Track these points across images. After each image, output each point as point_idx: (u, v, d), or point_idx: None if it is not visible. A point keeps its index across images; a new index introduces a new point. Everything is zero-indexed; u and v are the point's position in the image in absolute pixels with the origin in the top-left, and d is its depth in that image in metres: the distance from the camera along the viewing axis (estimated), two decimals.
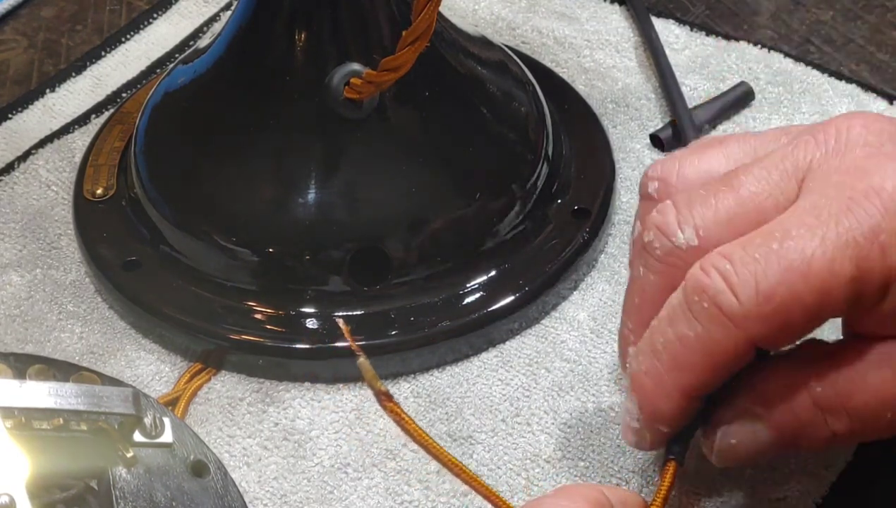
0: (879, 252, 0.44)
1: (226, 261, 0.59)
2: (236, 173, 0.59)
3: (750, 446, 0.47)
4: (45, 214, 0.65)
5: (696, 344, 0.46)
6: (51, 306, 0.61)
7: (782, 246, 0.45)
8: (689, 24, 0.74)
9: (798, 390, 0.46)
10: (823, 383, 0.46)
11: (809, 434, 0.47)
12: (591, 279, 0.61)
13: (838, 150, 0.47)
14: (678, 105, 0.67)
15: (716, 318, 0.45)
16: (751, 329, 0.45)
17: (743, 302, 0.44)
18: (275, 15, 0.59)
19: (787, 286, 0.44)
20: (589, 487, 0.45)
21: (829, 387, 0.46)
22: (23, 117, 0.70)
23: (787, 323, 0.45)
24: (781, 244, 0.45)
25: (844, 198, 0.45)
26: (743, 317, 0.45)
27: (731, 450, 0.48)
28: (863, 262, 0.44)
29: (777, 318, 0.44)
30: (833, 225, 0.45)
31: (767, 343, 0.46)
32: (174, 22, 0.75)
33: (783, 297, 0.44)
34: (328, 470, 0.54)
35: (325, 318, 0.58)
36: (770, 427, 0.47)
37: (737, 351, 0.45)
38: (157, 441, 0.51)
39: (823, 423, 0.46)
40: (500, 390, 0.57)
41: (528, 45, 0.73)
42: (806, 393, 0.46)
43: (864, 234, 0.44)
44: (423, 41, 0.53)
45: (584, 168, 0.64)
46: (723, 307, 0.45)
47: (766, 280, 0.44)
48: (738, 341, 0.45)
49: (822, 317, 0.45)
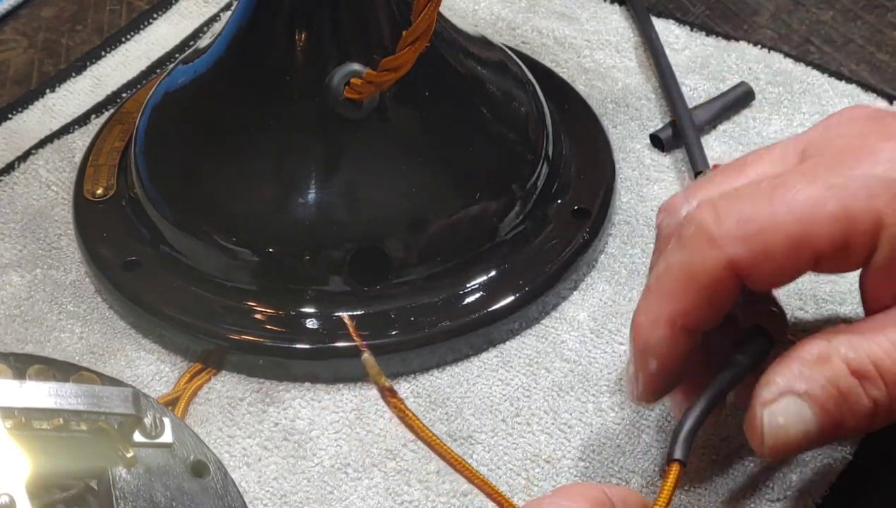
0: (866, 195, 0.45)
1: (226, 261, 0.59)
2: (236, 173, 0.59)
3: (798, 427, 0.47)
4: (45, 214, 0.65)
5: (679, 270, 0.47)
6: (51, 306, 0.61)
7: (770, 185, 0.47)
8: (689, 24, 0.74)
9: (832, 360, 0.46)
10: (854, 349, 0.46)
11: (851, 408, 0.46)
12: (591, 279, 0.61)
13: (840, 124, 0.50)
14: (678, 105, 0.67)
15: (698, 242, 0.47)
16: (730, 249, 0.46)
17: (724, 227, 0.46)
18: (275, 15, 0.59)
19: (769, 214, 0.46)
20: (589, 486, 0.45)
21: (861, 353, 0.46)
22: (23, 117, 0.70)
23: (766, 249, 0.46)
24: (770, 184, 0.47)
25: (838, 154, 0.47)
26: (722, 240, 0.46)
27: (783, 434, 0.47)
28: (848, 202, 0.45)
29: (755, 243, 0.46)
30: (823, 172, 0.46)
31: (748, 269, 0.46)
32: (174, 22, 0.75)
33: (763, 223, 0.46)
34: (328, 470, 0.54)
35: (326, 318, 0.58)
36: (813, 402, 0.46)
37: (716, 274, 0.46)
38: (157, 441, 0.51)
39: (862, 392, 0.46)
40: (500, 390, 0.57)
41: (528, 45, 0.73)
42: (840, 361, 0.46)
43: (852, 178, 0.46)
44: (423, 41, 0.53)
45: (584, 168, 0.64)
46: (705, 228, 0.46)
47: (750, 208, 0.46)
48: (717, 262, 0.46)
49: (807, 254, 0.46)
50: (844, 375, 0.46)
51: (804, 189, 0.46)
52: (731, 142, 0.67)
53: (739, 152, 0.67)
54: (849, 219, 0.46)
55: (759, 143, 0.67)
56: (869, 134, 0.48)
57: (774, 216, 0.46)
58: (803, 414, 0.47)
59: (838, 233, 0.46)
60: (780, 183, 0.47)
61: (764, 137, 0.67)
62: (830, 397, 0.46)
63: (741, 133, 0.68)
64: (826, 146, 0.49)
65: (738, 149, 0.67)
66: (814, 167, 0.47)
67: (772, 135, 0.67)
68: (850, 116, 0.50)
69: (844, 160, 0.47)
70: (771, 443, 0.47)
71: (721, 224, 0.46)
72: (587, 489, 0.45)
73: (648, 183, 0.65)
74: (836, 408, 0.47)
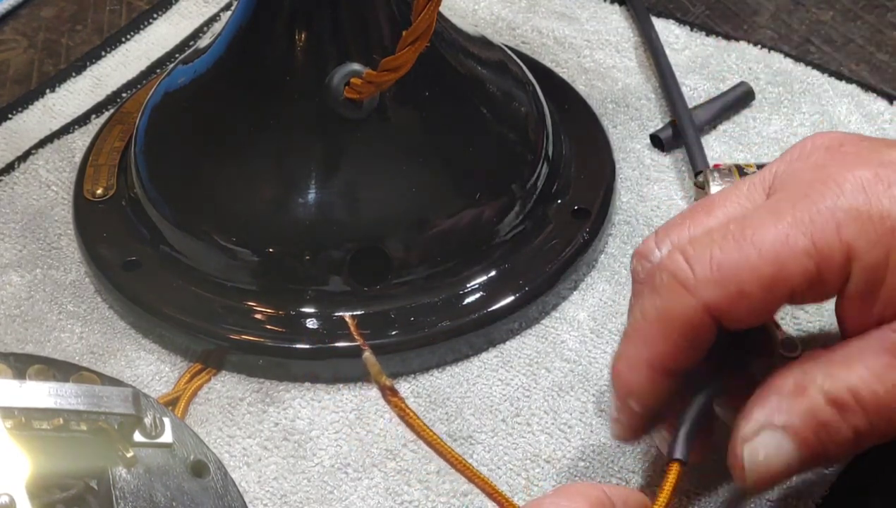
0: (834, 228, 0.46)
1: (226, 261, 0.59)
2: (236, 173, 0.59)
3: (779, 461, 0.47)
4: (45, 214, 0.65)
5: (656, 317, 0.47)
6: (51, 306, 0.61)
7: (738, 227, 0.47)
8: (689, 24, 0.74)
9: (809, 391, 0.46)
10: (831, 379, 0.46)
11: (833, 437, 0.46)
12: (591, 279, 0.61)
13: (802, 157, 0.50)
14: (678, 105, 0.67)
15: (673, 289, 0.47)
16: (705, 294, 0.46)
17: (697, 272, 0.47)
18: (275, 15, 0.59)
19: (739, 257, 0.46)
20: (590, 486, 0.45)
21: (836, 382, 0.46)
22: (23, 117, 0.70)
23: (741, 292, 0.46)
24: (738, 225, 0.47)
25: (803, 188, 0.47)
26: (696, 284, 0.46)
27: (763, 467, 0.47)
28: (818, 236, 0.46)
29: (729, 286, 0.46)
30: (790, 208, 0.47)
31: (724, 312, 0.46)
32: (174, 22, 0.75)
33: (735, 266, 0.46)
34: (328, 470, 0.54)
35: (326, 318, 0.58)
36: (792, 434, 0.46)
37: (693, 320, 0.47)
38: (157, 441, 0.51)
39: (842, 421, 0.46)
40: (500, 390, 0.57)
41: (528, 45, 0.73)
42: (817, 392, 0.46)
43: (819, 212, 0.46)
44: (423, 41, 0.53)
45: (584, 168, 0.64)
46: (678, 276, 0.47)
47: (720, 253, 0.46)
48: (694, 308, 0.47)
49: (781, 292, 0.46)
50: (822, 406, 0.46)
51: (772, 227, 0.46)
52: (731, 142, 0.67)
53: (739, 152, 0.67)
54: (820, 253, 0.46)
55: (759, 143, 0.67)
56: (829, 164, 0.48)
57: (746, 258, 0.46)
58: (783, 446, 0.47)
59: (811, 267, 0.46)
60: (747, 223, 0.47)
61: (764, 137, 0.67)
62: (809, 428, 0.46)
63: (741, 133, 0.68)
64: (790, 181, 0.49)
65: (738, 148, 0.67)
66: (779, 204, 0.47)
67: (772, 134, 0.67)
68: (813, 146, 0.50)
69: (810, 194, 0.47)
70: (753, 478, 0.47)
71: (694, 269, 0.47)
72: (587, 488, 0.45)
73: (648, 183, 0.65)
74: (815, 439, 0.46)
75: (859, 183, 0.46)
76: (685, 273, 0.47)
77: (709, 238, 0.47)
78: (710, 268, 0.46)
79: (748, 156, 0.66)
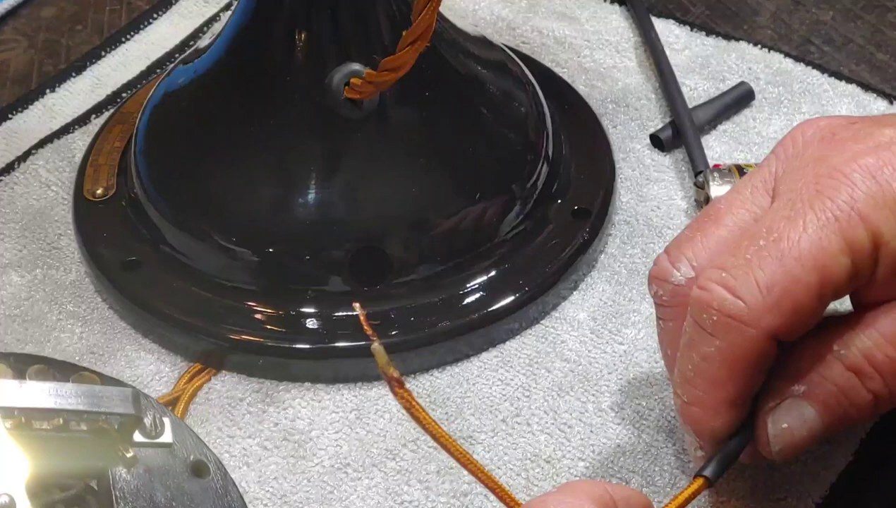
0: (859, 220, 0.46)
1: (226, 261, 0.59)
2: (236, 173, 0.59)
3: (802, 428, 0.47)
4: (45, 214, 0.65)
5: (720, 358, 0.46)
6: (51, 306, 0.61)
7: (769, 240, 0.46)
8: (689, 24, 0.74)
9: (827, 359, 0.47)
10: (848, 346, 0.47)
11: (852, 402, 0.47)
12: (591, 279, 0.61)
13: (797, 153, 0.49)
14: (678, 105, 0.67)
15: (729, 326, 0.46)
16: (764, 323, 0.46)
17: (748, 302, 0.46)
18: (275, 15, 0.59)
19: (784, 273, 0.46)
20: (593, 484, 0.45)
21: (853, 349, 0.47)
22: (23, 117, 0.70)
23: (796, 308, 0.46)
24: (768, 239, 0.46)
25: (812, 185, 0.47)
26: (753, 315, 0.46)
27: (787, 436, 0.48)
28: (847, 233, 0.46)
29: (785, 306, 0.46)
30: (809, 210, 0.46)
31: (785, 332, 0.46)
32: (174, 22, 0.75)
33: (785, 284, 0.45)
34: (328, 470, 0.54)
35: (326, 318, 0.58)
36: (813, 402, 0.47)
37: (760, 349, 0.46)
38: (157, 441, 0.51)
39: (860, 386, 0.47)
40: (500, 390, 0.57)
41: (528, 45, 0.73)
42: (835, 359, 0.47)
43: (839, 208, 0.46)
44: (423, 41, 0.53)
45: (584, 168, 0.64)
46: (731, 313, 0.46)
47: (763, 274, 0.46)
48: (757, 339, 0.46)
49: (828, 295, 0.46)
50: (840, 373, 0.47)
51: (803, 234, 0.46)
52: (731, 142, 0.67)
53: (739, 152, 0.67)
54: (852, 248, 0.46)
55: (759, 143, 0.67)
56: (829, 156, 0.48)
57: (791, 273, 0.45)
58: (806, 414, 0.47)
59: (849, 264, 0.46)
60: (777, 236, 0.46)
61: (764, 137, 0.67)
62: (831, 394, 0.47)
63: (741, 133, 0.68)
64: (795, 180, 0.48)
65: (738, 148, 0.67)
66: (795, 206, 0.47)
67: (772, 135, 0.67)
68: (804, 139, 0.50)
69: (822, 190, 0.47)
70: (778, 447, 0.48)
71: (744, 299, 0.46)
72: (591, 486, 0.45)
73: (648, 183, 0.65)
74: (837, 404, 0.47)
75: (867, 171, 0.47)
76: (736, 305, 0.46)
77: (743, 259, 0.46)
78: (760, 294, 0.46)
79: (748, 156, 0.66)
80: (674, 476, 0.53)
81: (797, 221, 0.46)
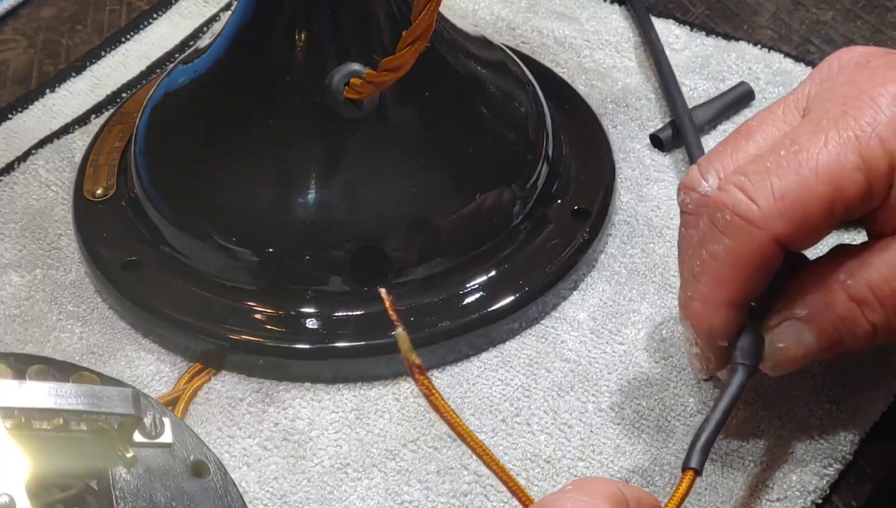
0: (879, 142, 0.48)
1: (226, 261, 0.59)
2: (236, 173, 0.59)
3: (798, 348, 0.50)
4: (45, 214, 0.65)
5: (727, 256, 0.49)
6: (51, 306, 0.61)
7: (790, 151, 0.49)
8: (689, 24, 0.74)
9: (832, 287, 0.49)
10: (853, 276, 0.49)
11: (850, 330, 0.49)
12: (591, 279, 0.61)
13: (831, 77, 0.52)
14: (678, 105, 0.67)
15: (740, 227, 0.48)
16: (773, 228, 0.48)
17: (761, 205, 0.48)
18: (275, 15, 0.59)
19: (799, 183, 0.48)
20: (606, 482, 0.46)
21: (858, 279, 0.49)
22: (23, 117, 0.70)
23: (806, 217, 0.48)
24: (789, 150, 0.49)
25: (839, 106, 0.49)
26: (763, 218, 0.48)
27: (782, 355, 0.50)
28: (865, 152, 0.48)
29: (795, 213, 0.48)
30: (833, 127, 0.48)
31: (792, 240, 0.49)
32: (174, 22, 0.75)
33: (798, 193, 0.48)
34: (328, 470, 0.54)
35: (326, 318, 0.58)
36: (812, 326, 0.50)
37: (765, 253, 0.49)
38: (157, 441, 0.51)
39: (860, 316, 0.49)
40: (500, 390, 0.57)
41: (528, 45, 0.73)
42: (839, 288, 0.49)
43: (861, 129, 0.48)
44: (423, 41, 0.53)
45: (584, 168, 0.64)
46: (743, 214, 0.48)
47: (779, 181, 0.48)
48: (763, 242, 0.48)
49: (839, 211, 0.48)
50: (843, 301, 0.49)
51: (823, 148, 0.48)
52: None
53: None
54: (868, 167, 0.48)
55: None
56: (859, 80, 0.50)
57: (806, 183, 0.48)
58: (804, 337, 0.50)
59: (863, 182, 0.48)
60: (798, 148, 0.48)
61: None
62: (830, 321, 0.49)
63: None
64: (825, 100, 0.50)
65: None
66: (820, 123, 0.49)
67: None
68: (839, 64, 0.52)
69: (847, 111, 0.49)
70: (772, 363, 0.51)
71: (757, 202, 0.48)
72: (605, 485, 0.45)
73: (648, 183, 0.65)
74: (835, 331, 0.49)
75: (893, 98, 0.48)
76: (749, 207, 0.48)
77: (763, 166, 0.49)
78: (773, 199, 0.48)
79: None
80: (674, 476, 0.53)
81: (819, 136, 0.48)
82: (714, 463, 0.54)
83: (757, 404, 0.55)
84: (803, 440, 0.54)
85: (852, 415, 0.55)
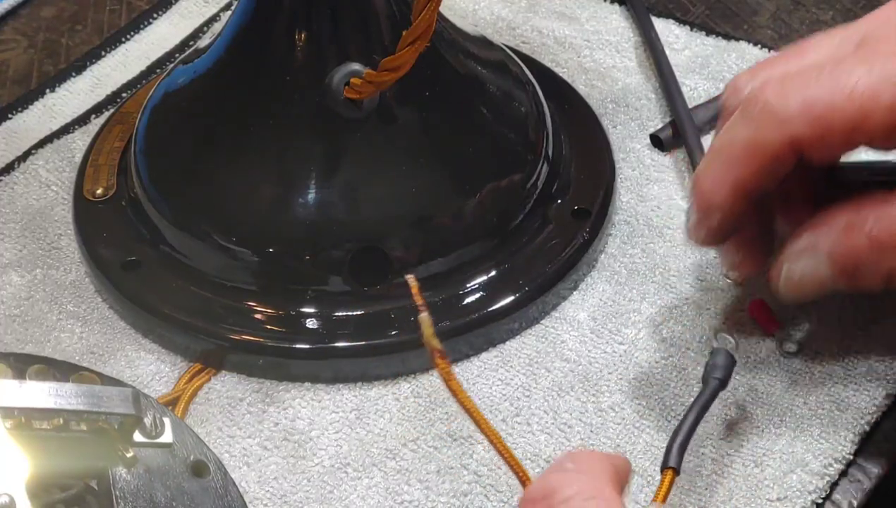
0: None
1: (226, 261, 0.59)
2: (236, 173, 0.59)
3: (812, 278, 0.52)
4: (45, 214, 0.65)
5: (746, 142, 0.51)
6: (51, 306, 0.61)
7: (833, 70, 0.50)
8: (689, 24, 0.74)
9: (856, 228, 0.51)
10: (879, 222, 0.51)
11: (866, 271, 0.51)
12: (591, 279, 0.61)
13: (888, 19, 0.54)
14: (678, 105, 0.67)
15: (765, 120, 0.51)
16: (794, 129, 0.50)
17: (790, 106, 0.50)
18: (275, 15, 0.59)
19: (831, 99, 0.50)
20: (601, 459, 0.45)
21: (883, 225, 0.51)
22: (23, 117, 0.70)
23: (828, 129, 0.50)
24: (833, 70, 0.51)
25: (892, 44, 0.51)
26: (788, 118, 0.50)
27: (795, 283, 0.53)
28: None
29: (819, 123, 0.50)
30: (878, 59, 0.50)
31: (807, 146, 0.50)
32: (174, 22, 0.75)
33: (827, 106, 0.50)
34: (328, 470, 0.54)
35: (326, 318, 0.58)
36: (830, 261, 0.52)
37: (780, 151, 0.51)
38: (157, 441, 0.51)
39: (879, 260, 0.51)
40: (500, 390, 0.57)
41: (528, 45, 0.73)
42: (863, 231, 0.51)
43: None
44: (423, 41, 0.53)
45: (584, 168, 0.64)
46: (772, 108, 0.51)
47: (813, 92, 0.50)
48: (782, 140, 0.50)
49: (859, 135, 0.50)
50: (865, 243, 0.51)
51: (864, 77, 0.50)
52: None
53: None
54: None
55: None
56: None
57: (836, 100, 0.50)
58: (820, 270, 0.52)
59: (891, 120, 0.49)
60: (842, 69, 0.50)
61: None
62: (850, 260, 0.51)
63: None
64: (879, 37, 0.52)
65: None
66: (870, 55, 0.51)
67: None
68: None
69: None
70: (783, 291, 0.53)
71: (787, 104, 0.50)
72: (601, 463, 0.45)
73: (648, 183, 0.65)
74: (854, 270, 0.51)
75: None
76: (779, 105, 0.50)
77: (804, 76, 0.51)
78: (802, 104, 0.50)
79: None
80: None
81: (864, 66, 0.50)
82: (714, 463, 0.54)
83: (757, 404, 0.55)
84: (803, 440, 0.54)
85: (852, 415, 0.55)
